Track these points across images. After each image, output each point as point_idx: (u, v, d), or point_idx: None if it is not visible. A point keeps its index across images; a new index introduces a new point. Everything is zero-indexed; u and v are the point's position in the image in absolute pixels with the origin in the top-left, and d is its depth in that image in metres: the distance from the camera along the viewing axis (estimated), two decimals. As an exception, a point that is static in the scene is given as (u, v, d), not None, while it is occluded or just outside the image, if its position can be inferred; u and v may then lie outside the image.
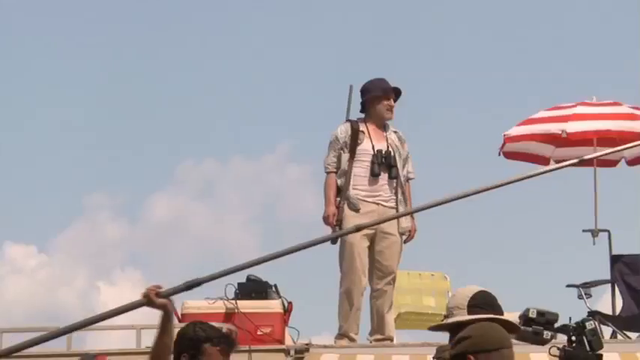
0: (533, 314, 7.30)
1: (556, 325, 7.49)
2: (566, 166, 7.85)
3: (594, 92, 13.03)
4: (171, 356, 7.22)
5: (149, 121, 31.81)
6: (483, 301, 7.30)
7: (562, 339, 7.46)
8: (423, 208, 7.66)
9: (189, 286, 9.15)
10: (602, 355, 7.34)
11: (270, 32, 32.33)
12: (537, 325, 7.36)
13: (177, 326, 10.48)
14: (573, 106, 12.78)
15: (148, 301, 6.88)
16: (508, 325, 7.16)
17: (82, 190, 33.24)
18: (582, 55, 31.06)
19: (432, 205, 7.32)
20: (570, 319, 7.53)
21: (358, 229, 8.31)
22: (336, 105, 11.57)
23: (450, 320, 7.21)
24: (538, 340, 7.57)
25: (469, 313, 7.14)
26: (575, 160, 8.14)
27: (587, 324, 7.42)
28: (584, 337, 7.31)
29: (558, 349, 7.38)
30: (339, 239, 10.87)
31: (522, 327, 7.49)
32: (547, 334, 7.49)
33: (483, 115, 26.93)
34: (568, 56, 30.79)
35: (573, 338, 7.48)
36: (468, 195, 6.99)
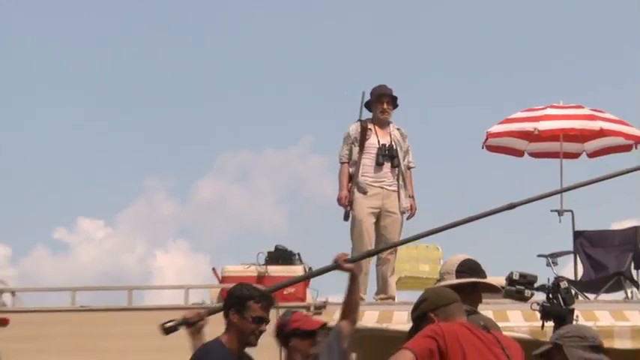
0: (516, 276, 7.23)
1: (535, 285, 7.39)
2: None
3: (561, 96, 12.87)
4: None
5: (195, 116, 31.90)
6: (469, 267, 7.17)
7: (541, 297, 7.41)
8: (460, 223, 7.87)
9: (370, 253, 9.36)
10: (574, 309, 7.15)
11: (299, 44, 32.30)
12: (520, 285, 7.26)
13: (218, 286, 10.45)
14: (544, 108, 12.55)
15: (338, 265, 7.40)
16: (491, 287, 7.14)
17: (142, 174, 33.40)
18: (552, 65, 30.99)
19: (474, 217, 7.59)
20: (548, 279, 7.49)
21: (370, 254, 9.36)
22: (351, 105, 11.35)
23: (442, 283, 7.08)
24: (521, 298, 7.46)
25: (457, 277, 7.04)
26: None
27: (561, 284, 7.34)
28: (559, 295, 7.17)
29: (538, 304, 7.26)
30: (350, 216, 10.83)
31: (507, 287, 7.44)
32: (528, 292, 7.41)
33: (470, 115, 26.88)
34: (540, 66, 30.71)
35: (550, 296, 7.38)
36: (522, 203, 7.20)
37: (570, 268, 11.50)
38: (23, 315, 10.10)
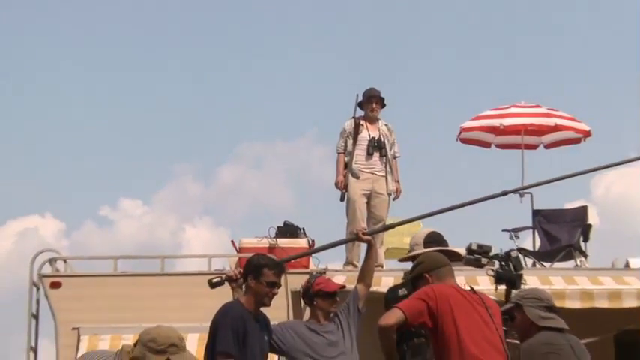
0: (474, 246, 7.22)
1: (490, 254, 7.36)
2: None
3: (523, 97, 12.87)
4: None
5: (217, 112, 32.10)
6: (434, 239, 7.19)
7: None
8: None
9: (386, 227, 9.36)
10: (522, 274, 7.13)
11: (307, 52, 32.34)
12: (477, 254, 7.24)
13: (236, 255, 10.46)
14: (508, 107, 12.56)
15: (357, 237, 7.61)
16: (453, 254, 7.08)
17: (172, 161, 33.62)
18: (515, 69, 31.06)
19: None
20: (501, 249, 7.42)
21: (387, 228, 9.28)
22: (347, 105, 11.35)
23: (412, 253, 7.10)
24: (478, 265, 7.45)
25: (425, 247, 7.04)
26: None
27: (511, 253, 7.34)
28: (510, 262, 7.13)
29: (493, 270, 7.23)
30: (346, 198, 10.87)
31: (467, 255, 7.41)
32: (484, 260, 7.40)
33: (446, 111, 26.96)
34: (505, 71, 30.77)
35: (502, 263, 7.35)
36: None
37: (530, 241, 11.52)
38: (73, 279, 10.11)
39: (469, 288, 6.42)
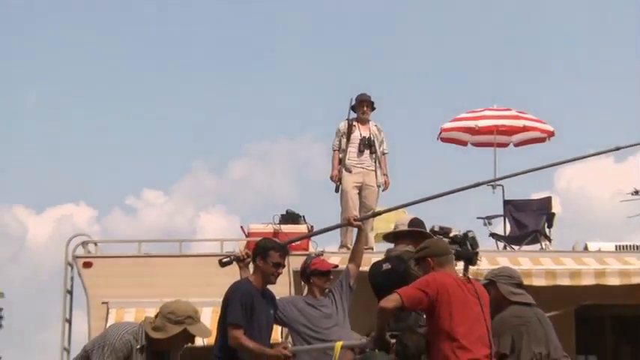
0: (436, 228, 7.16)
1: (450, 235, 7.19)
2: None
3: (495, 101, 12.86)
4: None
5: (229, 115, 32.30)
6: (416, 223, 7.36)
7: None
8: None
9: (374, 214, 9.34)
10: (478, 252, 6.99)
11: (308, 63, 32.46)
12: (439, 235, 7.10)
13: (245, 239, 10.41)
14: (482, 110, 12.50)
15: (349, 223, 7.66)
16: (427, 235, 7.15)
17: (190, 157, 33.75)
18: (489, 77, 31.14)
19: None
20: (459, 231, 7.20)
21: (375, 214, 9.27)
22: (342, 108, 11.32)
23: (395, 230, 7.35)
24: None
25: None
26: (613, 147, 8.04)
27: (469, 234, 7.13)
28: (467, 242, 6.93)
29: (453, 249, 6.79)
30: (340, 189, 10.82)
31: None
32: (445, 240, 7.26)
33: (428, 114, 27.10)
34: (481, 79, 30.88)
35: (460, 243, 7.08)
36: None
37: (501, 227, 11.46)
38: (103, 260, 10.09)
39: (465, 277, 6.37)
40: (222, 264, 7.04)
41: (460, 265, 6.87)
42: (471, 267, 6.93)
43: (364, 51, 31.84)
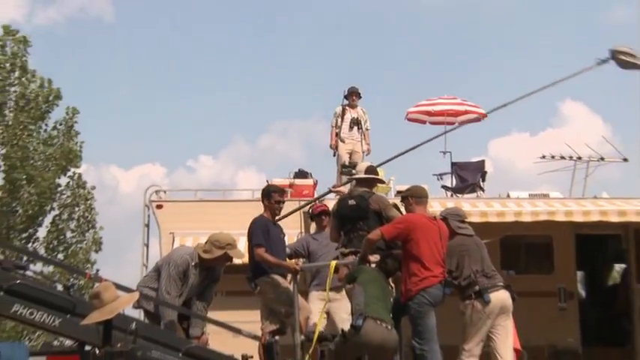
0: (346, 162, 7.68)
1: (357, 168, 7.26)
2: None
3: (446, 92, 12.67)
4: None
5: (261, 99, 32.37)
6: (371, 170, 7.04)
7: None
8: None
9: (353, 178, 8.10)
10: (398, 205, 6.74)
11: (318, 55, 32.26)
12: (348, 168, 7.75)
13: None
14: (437, 99, 12.32)
15: (330, 192, 7.84)
16: (378, 180, 7.14)
17: (231, 131, 33.80)
18: (442, 73, 31.12)
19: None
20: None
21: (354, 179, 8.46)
22: (339, 96, 11.10)
23: (356, 177, 7.13)
24: (349, 174, 8.10)
25: (365, 174, 6.95)
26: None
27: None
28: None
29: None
30: (336, 155, 10.72)
31: (343, 169, 7.89)
32: (353, 171, 7.57)
33: (399, 101, 27.24)
34: (436, 74, 30.87)
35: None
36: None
37: (449, 181, 11.36)
38: (170, 203, 9.99)
39: (432, 216, 6.34)
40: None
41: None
42: (429, 208, 6.86)
43: (355, 55, 31.85)
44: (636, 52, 7.22)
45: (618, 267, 10.92)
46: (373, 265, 6.17)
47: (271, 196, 6.91)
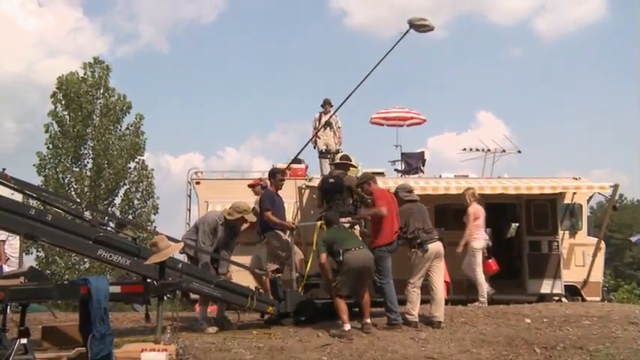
0: (322, 148, 7.24)
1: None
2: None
3: (397, 102, 12.62)
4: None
5: (270, 109, 31.78)
6: (345, 158, 7.16)
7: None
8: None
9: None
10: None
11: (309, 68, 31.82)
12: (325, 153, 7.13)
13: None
14: (391, 108, 12.07)
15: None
16: (351, 165, 7.13)
17: (247, 129, 33.06)
18: (395, 89, 30.80)
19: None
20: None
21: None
22: (316, 106, 10.74)
23: (335, 162, 7.25)
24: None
25: (340, 160, 7.07)
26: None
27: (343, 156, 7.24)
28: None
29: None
30: (316, 147, 10.34)
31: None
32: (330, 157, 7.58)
33: (365, 108, 26.84)
34: (391, 90, 30.51)
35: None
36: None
37: (399, 166, 10.93)
38: (206, 181, 9.71)
39: (388, 189, 6.37)
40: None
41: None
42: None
43: (332, 74, 31.52)
44: (426, 19, 7.12)
45: (514, 225, 10.99)
46: (347, 225, 6.18)
47: (276, 176, 6.92)
